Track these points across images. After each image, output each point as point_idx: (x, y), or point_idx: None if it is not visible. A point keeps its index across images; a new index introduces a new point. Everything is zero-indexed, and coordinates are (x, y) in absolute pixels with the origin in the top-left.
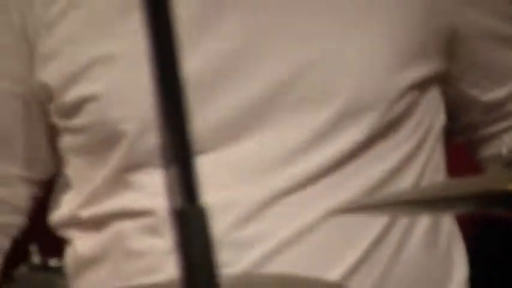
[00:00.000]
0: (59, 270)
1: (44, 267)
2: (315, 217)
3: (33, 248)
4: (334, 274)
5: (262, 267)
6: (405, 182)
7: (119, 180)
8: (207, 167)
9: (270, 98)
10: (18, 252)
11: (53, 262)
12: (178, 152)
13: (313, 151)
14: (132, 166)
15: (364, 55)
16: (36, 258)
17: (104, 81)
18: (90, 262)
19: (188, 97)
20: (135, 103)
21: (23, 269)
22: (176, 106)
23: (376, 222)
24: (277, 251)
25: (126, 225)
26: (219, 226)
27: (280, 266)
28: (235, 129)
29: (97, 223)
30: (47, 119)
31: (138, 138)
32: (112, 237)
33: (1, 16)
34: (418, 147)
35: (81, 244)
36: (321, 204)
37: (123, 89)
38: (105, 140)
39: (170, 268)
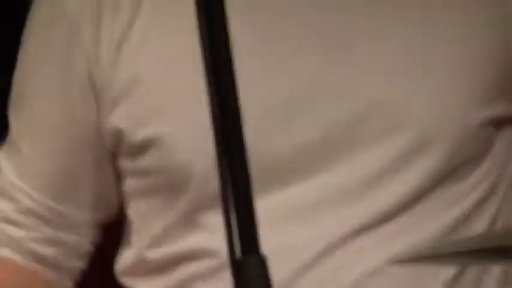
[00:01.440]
0: None
1: None
2: (378, 263)
3: None
4: None
5: None
6: (477, 228)
7: (188, 220)
8: (285, 202)
9: (343, 131)
10: None
11: None
12: (238, 197)
13: (381, 189)
14: (202, 206)
15: (447, 85)
16: None
17: (171, 122)
18: None
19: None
20: (202, 143)
21: None
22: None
23: (444, 272)
24: None
25: (194, 268)
26: (283, 271)
27: None
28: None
29: (164, 266)
30: (115, 164)
31: (207, 177)
32: (178, 282)
33: (67, 68)
34: (492, 190)
35: None
36: (385, 250)
37: (189, 129)
38: (173, 181)
39: None
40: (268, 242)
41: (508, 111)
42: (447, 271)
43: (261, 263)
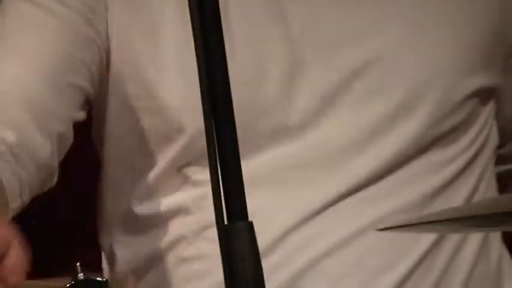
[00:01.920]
0: (104, 285)
1: (88, 284)
2: (365, 223)
3: (78, 265)
4: (382, 283)
5: (311, 270)
6: (459, 195)
7: (177, 174)
8: (269, 164)
9: (340, 87)
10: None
11: (96, 277)
12: (224, 162)
13: (364, 152)
14: (192, 161)
15: (438, 52)
16: (80, 275)
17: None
18: (135, 274)
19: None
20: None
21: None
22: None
23: (424, 238)
24: (327, 254)
25: (181, 226)
26: (276, 226)
27: (330, 269)
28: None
29: (151, 222)
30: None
31: (197, 135)
32: (164, 242)
33: None
34: (475, 158)
35: (126, 254)
36: (367, 214)
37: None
38: (163, 130)
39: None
40: (251, 205)
41: (493, 82)
42: (427, 237)
43: (248, 228)
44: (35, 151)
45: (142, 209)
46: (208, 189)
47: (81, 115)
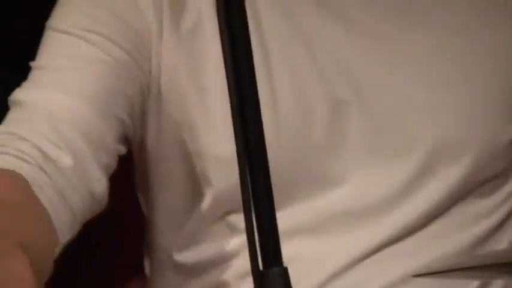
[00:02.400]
0: None
1: None
2: (400, 276)
3: None
4: None
5: None
6: (500, 244)
7: (218, 222)
8: (312, 212)
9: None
10: None
11: None
12: (259, 208)
13: (404, 203)
14: (234, 209)
15: (478, 98)
16: None
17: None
18: None
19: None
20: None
21: None
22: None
23: (469, 285)
24: None
25: (221, 272)
26: (319, 273)
27: None
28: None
29: (191, 269)
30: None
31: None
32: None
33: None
34: None
35: None
36: (407, 263)
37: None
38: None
39: None
40: (289, 254)
41: None
42: (471, 284)
43: (283, 274)
44: (91, 182)
45: (182, 257)
46: None
47: (123, 149)
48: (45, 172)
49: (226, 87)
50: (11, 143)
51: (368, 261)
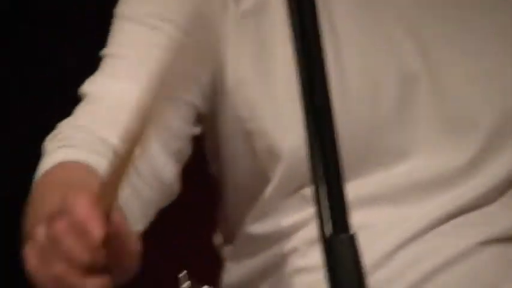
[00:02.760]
0: None
1: None
2: (471, 244)
3: (183, 275)
4: None
5: (423, 285)
6: None
7: (292, 194)
8: (381, 183)
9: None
10: (168, 281)
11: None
12: (329, 176)
13: (478, 172)
14: (300, 185)
15: None
16: (185, 285)
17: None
18: (246, 285)
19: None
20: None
21: None
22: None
23: None
24: (440, 269)
25: (295, 239)
26: (387, 242)
27: (442, 285)
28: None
29: (266, 239)
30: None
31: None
32: (277, 255)
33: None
34: None
35: (237, 267)
36: (480, 231)
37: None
38: (275, 155)
39: None
40: (358, 222)
41: None
42: None
43: (351, 241)
44: (159, 171)
45: (257, 228)
46: None
47: (196, 130)
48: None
49: (293, 62)
50: (78, 136)
51: (437, 230)
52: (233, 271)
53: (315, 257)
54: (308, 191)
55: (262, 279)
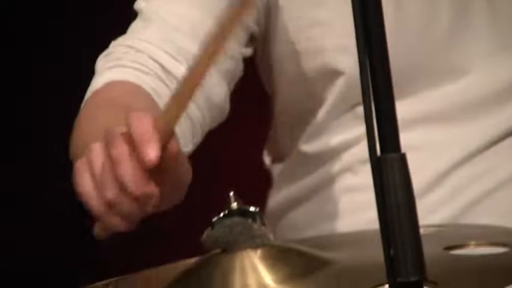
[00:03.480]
0: (256, 215)
1: (242, 213)
2: None
3: (232, 195)
4: None
5: (477, 204)
6: None
7: (346, 113)
8: (435, 101)
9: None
10: (218, 201)
11: (249, 208)
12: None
13: None
14: (356, 103)
15: None
16: (234, 205)
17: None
18: (296, 203)
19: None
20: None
21: (221, 216)
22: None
23: None
24: (495, 188)
25: (347, 157)
26: (443, 160)
27: (498, 204)
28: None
29: (319, 157)
30: None
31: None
32: (329, 173)
33: None
34: None
35: (288, 186)
36: None
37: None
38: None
39: None
40: (412, 141)
41: None
42: None
43: (400, 160)
44: (209, 90)
45: (309, 148)
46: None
47: (248, 51)
48: (163, 82)
49: None
50: (129, 56)
51: (493, 149)
52: (283, 190)
53: (367, 176)
54: (361, 109)
55: (312, 198)
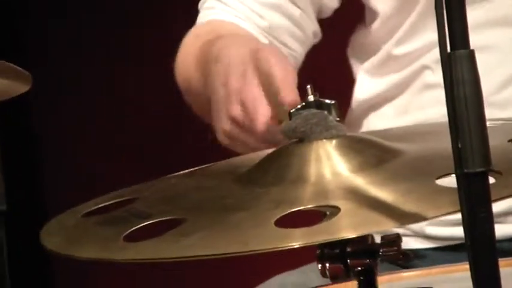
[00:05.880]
0: (332, 107)
1: (318, 104)
2: None
3: (309, 88)
4: None
5: None
6: None
7: (429, 16)
8: (498, 7)
9: None
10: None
11: (325, 100)
12: None
13: None
14: None
15: None
16: (310, 97)
17: None
18: (383, 97)
19: None
20: None
21: (299, 107)
22: None
23: None
24: None
25: (428, 57)
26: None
27: None
28: None
29: (404, 58)
30: None
31: None
32: (412, 72)
33: None
34: None
35: (373, 81)
36: None
37: None
38: None
39: None
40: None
41: None
42: None
43: (469, 56)
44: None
45: (396, 50)
46: None
47: None
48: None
49: None
50: (221, 6)
51: None
52: (367, 86)
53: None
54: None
55: (395, 94)
